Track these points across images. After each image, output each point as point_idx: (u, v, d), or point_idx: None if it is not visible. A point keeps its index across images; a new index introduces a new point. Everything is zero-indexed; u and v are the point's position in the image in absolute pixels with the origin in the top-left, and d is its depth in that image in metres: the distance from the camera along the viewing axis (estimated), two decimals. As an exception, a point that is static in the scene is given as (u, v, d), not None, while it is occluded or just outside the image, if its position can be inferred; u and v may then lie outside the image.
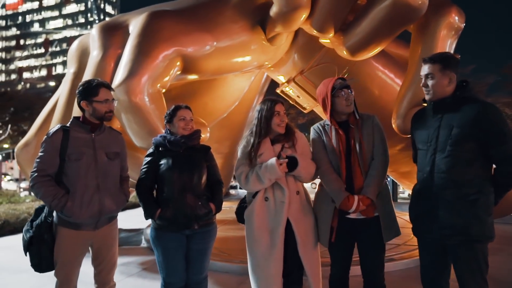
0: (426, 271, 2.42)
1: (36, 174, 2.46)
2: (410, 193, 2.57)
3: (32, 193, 2.57)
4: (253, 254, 2.65)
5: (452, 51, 4.16)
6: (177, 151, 2.71)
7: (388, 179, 9.15)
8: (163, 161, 2.69)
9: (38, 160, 2.49)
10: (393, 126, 4.27)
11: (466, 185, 2.19)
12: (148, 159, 2.76)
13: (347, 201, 2.51)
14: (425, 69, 2.34)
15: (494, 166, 2.28)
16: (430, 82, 2.31)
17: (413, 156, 2.57)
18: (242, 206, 2.84)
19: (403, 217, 6.02)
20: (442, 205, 2.24)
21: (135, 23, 4.49)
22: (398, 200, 12.47)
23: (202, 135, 2.95)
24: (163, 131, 2.94)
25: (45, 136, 2.54)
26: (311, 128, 2.78)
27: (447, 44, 4.15)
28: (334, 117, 2.66)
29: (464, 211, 2.19)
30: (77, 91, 2.61)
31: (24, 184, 24.61)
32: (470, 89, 2.31)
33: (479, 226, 2.18)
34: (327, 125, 2.70)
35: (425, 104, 2.47)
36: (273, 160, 2.56)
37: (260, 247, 2.60)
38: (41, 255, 2.50)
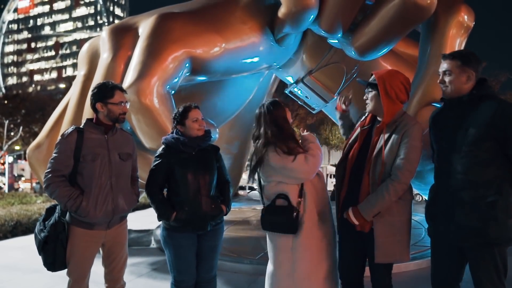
0: (438, 273, 2.37)
1: (50, 174, 2.49)
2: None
3: (46, 194, 2.59)
4: None
5: (461, 50, 4.12)
6: (189, 152, 2.71)
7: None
8: (175, 163, 2.67)
9: (52, 160, 2.51)
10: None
11: (484, 186, 2.12)
12: (159, 160, 2.72)
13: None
14: (443, 65, 2.29)
15: None
16: (447, 78, 2.26)
17: (432, 156, 2.46)
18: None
19: (412, 218, 5.94)
20: (459, 207, 2.17)
21: (145, 25, 4.53)
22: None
23: (212, 136, 2.96)
24: None
25: (60, 137, 2.57)
26: None
27: (456, 43, 4.10)
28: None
29: (482, 213, 2.12)
30: (91, 93, 2.63)
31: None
32: (488, 87, 2.24)
33: (498, 228, 2.11)
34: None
35: (438, 105, 2.42)
36: None
37: None
38: (55, 254, 2.53)
